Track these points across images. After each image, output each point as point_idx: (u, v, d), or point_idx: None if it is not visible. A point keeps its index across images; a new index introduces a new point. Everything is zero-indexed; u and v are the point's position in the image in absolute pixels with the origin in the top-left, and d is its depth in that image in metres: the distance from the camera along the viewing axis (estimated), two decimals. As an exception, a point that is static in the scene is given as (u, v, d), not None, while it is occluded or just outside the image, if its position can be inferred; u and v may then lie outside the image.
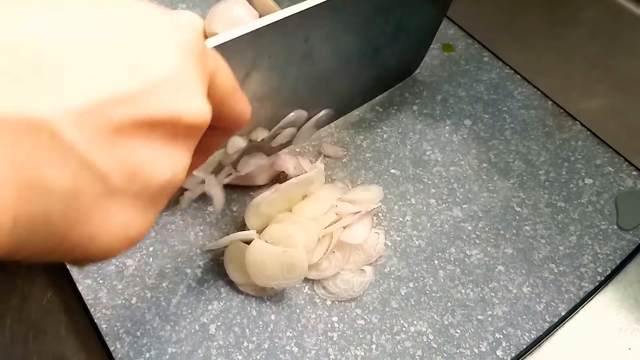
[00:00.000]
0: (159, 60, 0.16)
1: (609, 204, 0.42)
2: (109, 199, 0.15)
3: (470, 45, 0.51)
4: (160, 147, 0.16)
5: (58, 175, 0.13)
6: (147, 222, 0.17)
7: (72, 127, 0.13)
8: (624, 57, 0.41)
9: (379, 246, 0.39)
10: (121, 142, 0.15)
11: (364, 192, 0.41)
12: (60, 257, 0.16)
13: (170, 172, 0.16)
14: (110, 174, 0.15)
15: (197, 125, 0.17)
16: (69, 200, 0.14)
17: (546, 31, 0.45)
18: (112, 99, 0.14)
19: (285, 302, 0.37)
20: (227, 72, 0.20)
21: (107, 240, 0.16)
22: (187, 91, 0.16)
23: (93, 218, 0.15)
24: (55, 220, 0.14)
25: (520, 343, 0.36)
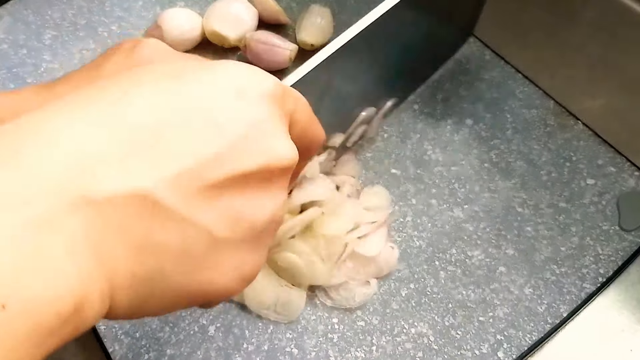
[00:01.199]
0: (241, 115, 0.17)
1: (610, 204, 0.41)
2: (218, 248, 0.17)
3: (471, 44, 0.51)
4: (256, 192, 0.17)
5: (164, 235, 0.15)
6: (258, 260, 0.18)
7: (170, 193, 0.15)
8: (626, 56, 0.41)
9: (392, 261, 0.37)
10: (219, 196, 0.16)
11: (373, 197, 0.40)
12: (184, 307, 0.18)
13: (270, 212, 0.18)
14: (214, 226, 0.16)
15: (287, 166, 0.18)
16: (180, 255, 0.16)
17: (548, 30, 0.45)
18: (202, 162, 0.16)
19: (285, 304, 0.37)
20: (304, 106, 0.21)
21: (224, 283, 0.17)
22: (273, 138, 0.17)
23: (206, 266, 0.17)
24: (170, 273, 0.16)
25: (522, 344, 0.35)
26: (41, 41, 0.48)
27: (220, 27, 0.46)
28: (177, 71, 0.17)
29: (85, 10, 0.51)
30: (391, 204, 0.41)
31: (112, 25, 0.50)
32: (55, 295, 0.13)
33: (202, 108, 0.16)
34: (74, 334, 0.14)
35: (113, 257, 0.14)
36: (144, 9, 0.51)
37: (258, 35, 0.45)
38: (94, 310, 0.14)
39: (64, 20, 0.50)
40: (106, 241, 0.14)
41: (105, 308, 0.15)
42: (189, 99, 0.16)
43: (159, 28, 0.46)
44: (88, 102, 0.15)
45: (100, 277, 0.14)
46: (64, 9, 0.51)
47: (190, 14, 0.48)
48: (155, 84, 0.16)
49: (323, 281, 0.35)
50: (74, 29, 0.49)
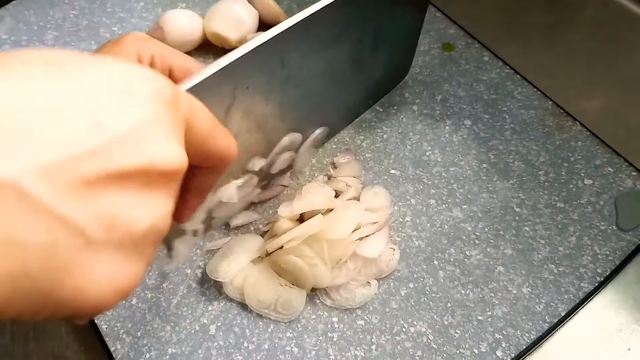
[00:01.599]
0: (125, 113, 0.16)
1: (608, 204, 0.42)
2: (90, 251, 0.15)
3: (470, 45, 0.51)
4: (135, 195, 0.16)
5: (31, 231, 0.14)
6: (135, 271, 0.17)
7: (40, 183, 0.14)
8: (624, 57, 0.41)
9: (392, 262, 0.38)
10: (94, 194, 0.15)
11: (373, 198, 0.40)
12: (50, 314, 0.16)
13: (149, 220, 0.17)
14: (87, 226, 0.15)
15: (171, 172, 0.17)
16: (46, 255, 0.14)
17: (546, 31, 0.45)
18: (78, 155, 0.14)
19: (285, 303, 0.37)
20: (203, 113, 0.20)
21: (95, 293, 0.16)
22: (157, 140, 0.16)
23: (76, 271, 0.15)
24: (36, 274, 0.14)
25: (520, 343, 0.36)
26: (43, 42, 0.49)
27: (221, 28, 0.46)
28: (63, 60, 0.16)
29: (87, 11, 0.51)
30: (391, 204, 0.41)
31: (114, 26, 0.50)
32: None
33: (82, 101, 0.15)
34: None
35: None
36: (145, 10, 0.52)
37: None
38: None
39: (65, 21, 0.50)
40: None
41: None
42: (67, 89, 0.15)
43: (160, 29, 0.47)
44: None
45: None
46: (65, 10, 0.51)
47: (191, 15, 0.48)
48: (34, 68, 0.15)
49: (326, 284, 0.36)
50: (76, 29, 0.50)
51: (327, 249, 0.36)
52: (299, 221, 0.37)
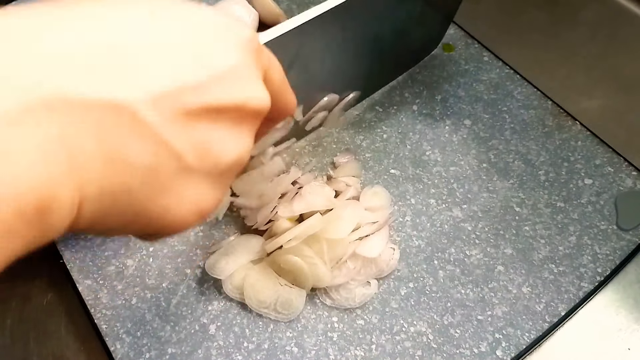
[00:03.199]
0: (223, 54, 0.17)
1: (608, 204, 0.42)
2: (183, 175, 0.17)
3: (470, 45, 0.51)
4: (227, 130, 0.18)
5: (139, 152, 0.15)
6: (216, 197, 0.19)
7: (150, 109, 0.15)
8: (624, 57, 0.41)
9: (392, 262, 0.38)
10: (193, 125, 0.16)
11: (373, 197, 0.40)
12: (138, 229, 0.17)
13: (237, 153, 0.18)
14: (185, 153, 0.16)
15: (260, 111, 0.19)
16: (148, 175, 0.16)
17: (546, 31, 0.45)
18: (183, 87, 0.16)
19: (285, 303, 0.37)
20: (278, 67, 0.22)
21: (181, 213, 0.17)
22: (250, 80, 0.18)
23: (169, 192, 0.16)
24: (135, 191, 0.16)
25: (520, 343, 0.36)
26: (43, 43, 0.49)
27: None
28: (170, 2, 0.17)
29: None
30: (391, 203, 0.41)
31: (114, 27, 0.50)
32: (18, 191, 0.13)
33: (187, 39, 0.16)
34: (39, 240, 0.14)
35: (85, 165, 0.14)
36: (145, 11, 0.52)
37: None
38: (62, 216, 0.14)
39: (65, 22, 0.50)
40: (80, 147, 0.14)
41: (72, 216, 0.15)
42: (175, 27, 0.16)
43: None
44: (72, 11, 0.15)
45: (70, 183, 0.14)
46: (65, 11, 0.51)
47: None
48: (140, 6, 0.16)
49: (326, 283, 0.36)
50: (76, 30, 0.50)
51: (327, 249, 0.36)
52: (298, 221, 0.38)
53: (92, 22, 0.15)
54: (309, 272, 0.35)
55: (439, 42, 0.49)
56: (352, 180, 0.41)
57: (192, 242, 0.39)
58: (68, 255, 0.38)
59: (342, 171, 0.42)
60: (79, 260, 0.38)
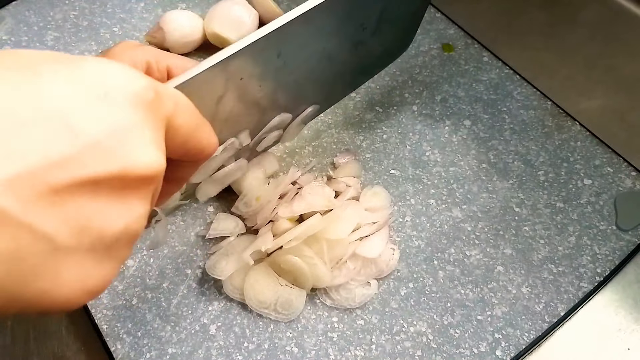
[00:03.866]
0: (100, 118, 0.15)
1: (608, 204, 0.42)
2: (59, 256, 0.15)
3: (469, 45, 0.51)
4: (108, 200, 0.16)
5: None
6: (107, 273, 0.17)
7: (5, 195, 0.14)
8: (623, 57, 0.41)
9: (392, 262, 0.38)
10: (63, 201, 0.15)
11: (373, 198, 0.40)
12: (19, 311, 0.16)
13: (122, 223, 0.16)
14: (55, 232, 0.15)
15: (149, 176, 0.17)
16: (11, 260, 0.14)
17: (546, 31, 0.45)
18: (46, 164, 0.14)
19: (285, 303, 0.37)
20: (188, 111, 0.20)
21: (62, 294, 0.16)
22: (133, 145, 0.16)
23: (43, 275, 0.15)
24: (1, 279, 0.14)
25: (520, 343, 0.36)
26: (43, 42, 0.49)
27: (221, 29, 0.47)
28: (35, 62, 0.16)
29: (87, 11, 0.51)
30: (391, 204, 0.41)
31: (114, 27, 0.50)
32: None
33: (53, 106, 0.15)
34: None
35: None
36: (146, 11, 0.52)
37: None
38: None
39: (66, 22, 0.50)
40: None
41: None
42: (38, 95, 0.15)
43: (160, 30, 0.47)
44: None
45: None
46: (66, 11, 0.51)
47: (191, 16, 0.48)
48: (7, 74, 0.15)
49: (326, 284, 0.36)
50: (76, 30, 0.50)
51: (327, 249, 0.36)
52: (298, 221, 0.38)
53: None
54: (309, 273, 0.35)
55: (408, 45, 0.46)
56: (352, 180, 0.41)
57: (193, 242, 0.39)
58: (68, 256, 0.38)
59: (342, 171, 0.42)
60: (80, 261, 0.38)
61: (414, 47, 0.50)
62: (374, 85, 0.48)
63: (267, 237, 0.36)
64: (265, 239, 0.36)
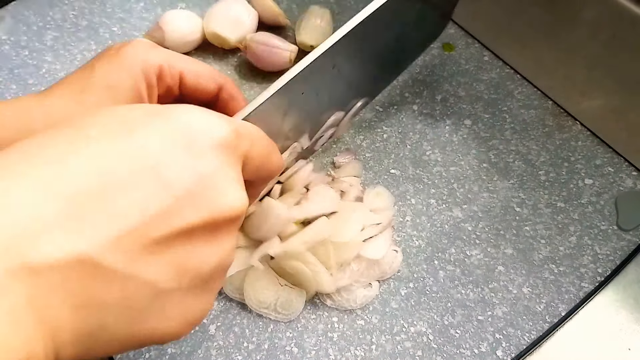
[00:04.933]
0: (188, 169, 0.17)
1: (609, 204, 0.42)
2: (162, 297, 0.17)
3: (470, 45, 0.51)
4: (202, 242, 0.17)
5: (106, 293, 0.15)
6: (205, 305, 0.19)
7: (110, 254, 0.15)
8: (624, 56, 0.41)
9: (395, 264, 0.38)
10: (162, 250, 0.16)
11: (376, 199, 0.40)
12: (135, 348, 0.17)
13: (216, 260, 0.18)
14: (157, 278, 0.16)
15: (236, 216, 0.18)
16: (121, 309, 0.16)
17: (546, 31, 0.45)
18: (146, 221, 0.15)
19: (285, 303, 0.37)
20: (261, 141, 0.21)
21: (169, 330, 0.17)
22: (220, 190, 0.17)
23: (149, 316, 0.17)
24: (112, 326, 0.16)
25: (521, 343, 0.36)
26: (43, 42, 0.49)
27: (221, 29, 0.46)
28: (125, 123, 0.17)
29: (87, 11, 0.51)
30: (393, 205, 0.41)
31: (114, 27, 0.50)
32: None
33: (148, 164, 0.16)
34: None
35: (55, 317, 0.15)
36: (145, 11, 0.52)
37: (258, 37, 0.46)
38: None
39: (65, 22, 0.50)
40: (48, 304, 0.14)
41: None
42: (134, 156, 0.16)
43: (160, 29, 0.47)
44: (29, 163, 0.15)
45: (43, 337, 0.14)
46: (65, 10, 0.51)
47: (190, 16, 0.48)
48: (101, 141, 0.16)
49: (329, 291, 0.36)
50: (75, 30, 0.50)
51: (333, 252, 0.35)
52: (302, 223, 0.37)
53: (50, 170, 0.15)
54: (312, 279, 0.35)
55: (436, 38, 0.49)
56: (353, 180, 0.41)
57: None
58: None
59: (344, 171, 0.42)
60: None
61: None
62: (374, 85, 0.48)
63: (274, 241, 0.36)
64: (272, 243, 0.36)
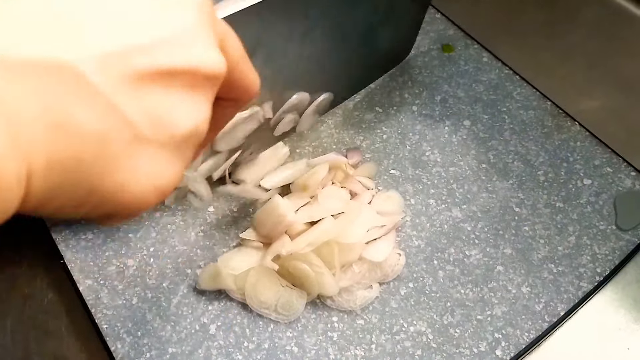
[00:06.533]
0: (177, 14, 0.16)
1: (607, 204, 0.42)
2: (137, 146, 0.15)
3: (469, 46, 0.51)
4: (181, 96, 0.16)
5: (86, 117, 0.14)
6: (175, 173, 0.17)
7: (97, 71, 0.14)
8: (623, 57, 0.41)
9: (397, 267, 0.38)
10: (144, 89, 0.15)
11: (386, 201, 0.40)
12: (91, 209, 0.16)
13: (193, 121, 0.17)
14: (136, 120, 0.15)
15: (214, 76, 0.17)
16: (98, 144, 0.14)
17: (545, 31, 0.45)
18: (132, 48, 0.15)
19: (285, 302, 0.37)
20: (235, 38, 0.20)
21: (137, 189, 0.16)
22: (204, 43, 0.17)
23: (123, 165, 0.15)
24: (87, 164, 0.14)
25: (520, 343, 0.36)
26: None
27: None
28: None
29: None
30: (403, 210, 0.41)
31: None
32: None
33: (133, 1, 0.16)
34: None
35: (29, 133, 0.13)
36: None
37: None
38: (9, 193, 0.13)
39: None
40: (21, 111, 0.13)
41: (21, 193, 0.13)
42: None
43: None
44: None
45: (14, 152, 0.13)
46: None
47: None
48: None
49: (332, 293, 0.36)
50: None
51: (338, 253, 0.36)
52: (309, 222, 0.38)
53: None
54: (315, 281, 0.35)
55: (409, 50, 0.48)
56: (367, 181, 0.41)
57: (193, 242, 0.39)
58: (69, 255, 0.38)
59: (359, 171, 0.42)
60: (80, 260, 0.38)
61: (414, 48, 0.50)
62: (373, 86, 0.48)
63: (284, 240, 0.36)
64: (283, 242, 0.36)
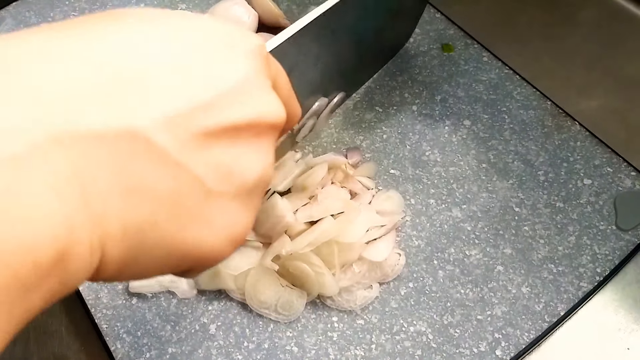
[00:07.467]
0: (233, 67, 0.16)
1: (607, 204, 0.42)
2: (210, 201, 0.16)
3: (469, 46, 0.51)
4: (247, 147, 0.17)
5: (158, 179, 0.14)
6: (248, 220, 0.18)
7: (164, 133, 0.14)
8: (623, 57, 0.41)
9: (397, 267, 0.38)
10: (210, 146, 0.15)
11: (387, 201, 0.40)
12: (172, 268, 0.16)
13: (260, 170, 0.17)
14: (206, 176, 0.15)
15: (277, 123, 0.18)
16: (172, 202, 0.15)
17: (546, 31, 0.45)
18: (196, 107, 0.15)
19: (285, 302, 0.37)
20: (285, 75, 0.21)
21: (216, 241, 0.16)
22: (263, 92, 0.17)
23: (198, 221, 0.16)
24: (163, 222, 0.15)
25: (519, 343, 0.36)
26: (43, 43, 0.49)
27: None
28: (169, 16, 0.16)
29: (87, 12, 0.51)
30: (402, 210, 0.41)
31: (114, 28, 0.50)
32: (34, 239, 0.11)
33: (193, 55, 0.16)
34: (60, 292, 0.13)
35: (103, 199, 0.13)
36: (145, 11, 0.52)
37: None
38: (83, 262, 0.13)
39: (66, 23, 0.50)
40: (95, 180, 0.13)
41: (95, 261, 0.13)
42: (182, 43, 0.16)
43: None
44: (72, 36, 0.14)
45: (89, 223, 0.13)
46: (66, 11, 0.51)
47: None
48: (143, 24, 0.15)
49: (332, 293, 0.36)
50: (76, 31, 0.50)
51: (338, 252, 0.36)
52: (309, 222, 0.38)
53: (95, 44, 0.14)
54: (315, 281, 0.35)
55: (409, 37, 0.49)
56: (367, 180, 0.41)
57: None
58: (68, 255, 0.38)
59: (359, 171, 0.42)
60: (80, 260, 0.38)
61: (414, 48, 0.50)
62: (373, 85, 0.48)
63: (284, 240, 0.36)
64: (282, 242, 0.36)
